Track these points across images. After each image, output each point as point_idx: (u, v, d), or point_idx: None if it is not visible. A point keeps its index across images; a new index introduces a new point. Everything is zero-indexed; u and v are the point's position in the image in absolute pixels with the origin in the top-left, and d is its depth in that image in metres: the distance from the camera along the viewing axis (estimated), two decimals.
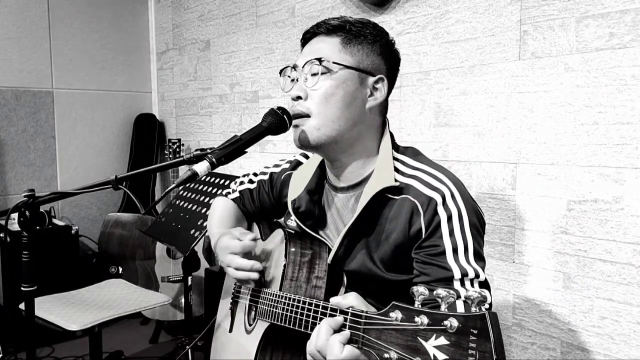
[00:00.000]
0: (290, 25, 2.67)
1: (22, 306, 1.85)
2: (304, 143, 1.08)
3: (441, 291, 0.70)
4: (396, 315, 0.75)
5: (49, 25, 3.31)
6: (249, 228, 1.41)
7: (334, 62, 1.05)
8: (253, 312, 1.23)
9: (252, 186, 1.38)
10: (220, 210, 1.37)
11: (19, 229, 1.10)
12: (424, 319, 0.70)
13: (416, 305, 0.73)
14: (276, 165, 1.36)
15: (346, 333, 0.84)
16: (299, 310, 1.02)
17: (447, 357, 0.66)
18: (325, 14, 2.45)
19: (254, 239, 1.14)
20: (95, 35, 3.51)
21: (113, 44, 3.59)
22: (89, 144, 3.53)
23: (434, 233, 1.01)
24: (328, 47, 1.08)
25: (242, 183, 1.42)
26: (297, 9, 2.62)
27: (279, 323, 1.08)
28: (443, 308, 0.69)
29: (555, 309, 1.74)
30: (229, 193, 1.43)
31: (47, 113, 3.33)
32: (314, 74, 1.07)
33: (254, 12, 2.88)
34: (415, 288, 0.74)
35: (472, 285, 0.98)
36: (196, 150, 1.05)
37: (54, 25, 3.32)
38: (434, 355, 0.68)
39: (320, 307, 0.96)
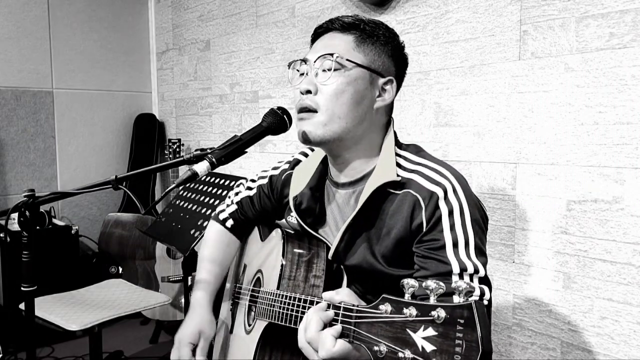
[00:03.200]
0: (290, 25, 2.67)
1: (22, 306, 1.85)
2: (308, 138, 1.07)
3: (430, 283, 0.70)
4: (386, 307, 0.75)
5: (49, 25, 3.31)
6: (245, 239, 1.42)
7: (347, 60, 1.05)
8: (252, 312, 1.23)
9: (252, 192, 1.38)
10: (212, 241, 1.39)
11: (19, 229, 1.10)
12: (413, 311, 0.70)
13: (406, 298, 0.73)
14: (275, 168, 1.36)
15: (338, 327, 0.84)
16: (294, 307, 1.03)
17: (435, 348, 0.66)
18: (325, 14, 2.45)
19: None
20: (95, 35, 3.51)
21: (113, 44, 3.59)
22: (89, 144, 3.53)
23: (434, 227, 1.00)
24: (342, 44, 1.07)
25: (237, 194, 1.41)
26: (297, 9, 2.62)
27: (276, 321, 1.08)
28: (432, 300, 0.69)
29: (555, 309, 1.74)
30: (222, 211, 1.42)
31: (47, 113, 3.33)
32: (325, 70, 1.06)
33: (254, 12, 2.88)
34: (405, 280, 0.74)
35: (471, 280, 0.98)
36: (196, 150, 1.05)
37: (54, 25, 3.33)
38: (422, 347, 0.68)
39: (315, 303, 0.96)
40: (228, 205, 1.41)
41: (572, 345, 1.70)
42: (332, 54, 1.05)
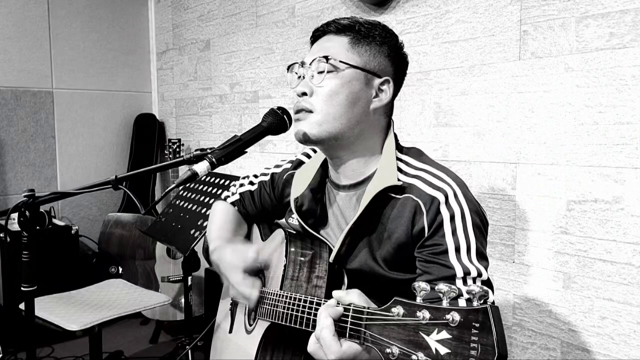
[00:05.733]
0: (290, 25, 2.67)
1: (22, 306, 1.85)
2: (304, 137, 1.08)
3: (443, 286, 0.70)
4: (398, 310, 0.75)
5: (49, 25, 3.31)
6: (249, 230, 1.41)
7: (340, 61, 1.06)
8: (253, 312, 1.23)
9: (253, 188, 1.38)
10: (220, 215, 1.36)
11: (19, 229, 1.10)
12: (426, 314, 0.70)
13: (418, 301, 0.73)
14: (277, 166, 1.36)
15: (330, 323, 0.84)
16: (300, 309, 1.02)
17: (449, 351, 0.66)
18: (325, 14, 2.45)
19: (255, 253, 1.16)
20: (95, 35, 3.51)
21: (113, 44, 3.59)
22: (89, 144, 3.53)
23: (436, 232, 1.01)
24: (336, 45, 1.08)
25: (242, 185, 1.41)
26: (297, 9, 2.62)
27: (279, 322, 1.08)
28: (445, 303, 0.69)
29: (555, 309, 1.74)
30: (228, 197, 1.42)
31: (47, 113, 3.33)
32: (320, 72, 1.07)
33: (254, 12, 2.88)
34: (416, 284, 0.74)
35: (474, 283, 0.98)
36: (196, 150, 1.05)
37: (54, 25, 3.32)
38: (436, 349, 0.68)
39: (322, 304, 0.96)
40: (233, 194, 1.41)
41: (572, 345, 1.70)
42: (325, 57, 1.06)
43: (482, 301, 0.66)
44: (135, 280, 2.95)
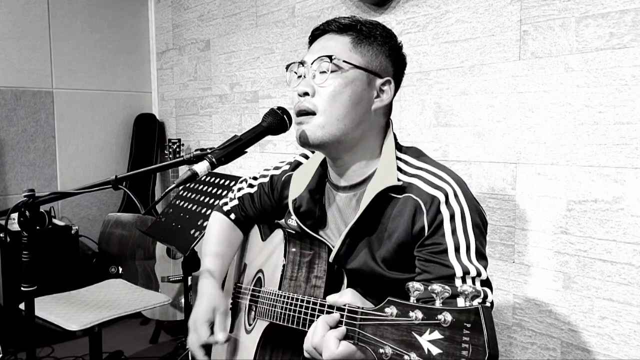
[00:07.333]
0: (290, 25, 2.67)
1: (22, 306, 1.85)
2: (306, 141, 1.07)
3: (436, 287, 0.70)
4: (391, 310, 0.75)
5: (49, 25, 3.31)
6: (246, 235, 1.42)
7: (344, 61, 1.05)
8: (253, 312, 1.23)
9: (252, 190, 1.38)
10: (215, 229, 1.39)
11: (19, 229, 1.10)
12: (419, 314, 0.71)
13: (411, 301, 0.73)
14: (276, 168, 1.36)
15: (342, 329, 0.85)
16: (297, 309, 1.03)
17: (441, 351, 0.67)
18: (325, 14, 2.45)
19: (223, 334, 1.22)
20: (95, 35, 3.51)
21: (113, 44, 3.59)
22: (89, 144, 3.53)
23: (436, 231, 1.01)
24: (338, 45, 1.08)
25: (240, 189, 1.42)
26: (297, 9, 2.62)
27: (277, 322, 1.08)
28: (438, 303, 0.70)
29: (555, 309, 1.74)
30: (225, 204, 1.43)
31: (47, 113, 3.33)
32: (322, 72, 1.06)
33: (254, 12, 2.88)
34: (410, 284, 0.74)
35: (473, 283, 0.98)
36: (196, 150, 1.05)
37: (54, 25, 3.33)
38: (428, 350, 0.68)
39: (318, 304, 0.97)
40: (231, 200, 1.42)
41: (572, 345, 1.70)
42: (329, 56, 1.05)
43: (474, 301, 0.67)
44: (135, 280, 2.95)
